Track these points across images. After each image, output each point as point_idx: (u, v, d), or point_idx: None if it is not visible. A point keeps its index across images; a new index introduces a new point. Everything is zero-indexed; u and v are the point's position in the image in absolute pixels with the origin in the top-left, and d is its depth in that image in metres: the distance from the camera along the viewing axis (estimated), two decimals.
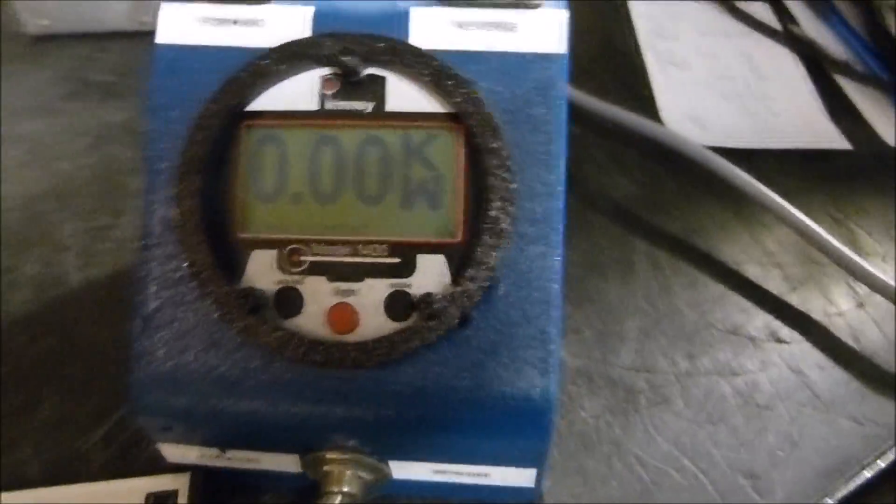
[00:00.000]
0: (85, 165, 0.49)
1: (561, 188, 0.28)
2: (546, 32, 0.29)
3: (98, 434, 0.37)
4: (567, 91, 0.29)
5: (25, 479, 0.35)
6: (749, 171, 0.44)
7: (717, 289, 0.42)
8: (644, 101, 0.52)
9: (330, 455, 0.29)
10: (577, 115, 0.49)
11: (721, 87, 0.54)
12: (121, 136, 0.51)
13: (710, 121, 0.52)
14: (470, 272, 0.27)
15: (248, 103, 0.29)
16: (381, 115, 0.29)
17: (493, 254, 0.27)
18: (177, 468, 0.33)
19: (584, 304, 0.41)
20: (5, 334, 0.41)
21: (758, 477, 0.35)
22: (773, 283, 0.43)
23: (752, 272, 0.43)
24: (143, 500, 0.32)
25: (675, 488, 0.34)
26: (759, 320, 0.41)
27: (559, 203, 0.28)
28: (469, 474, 0.31)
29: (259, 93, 0.29)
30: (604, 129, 0.49)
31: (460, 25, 0.29)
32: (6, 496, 0.33)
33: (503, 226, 0.27)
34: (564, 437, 0.36)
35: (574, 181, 0.47)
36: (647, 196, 0.46)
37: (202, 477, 0.32)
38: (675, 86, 0.54)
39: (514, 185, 0.27)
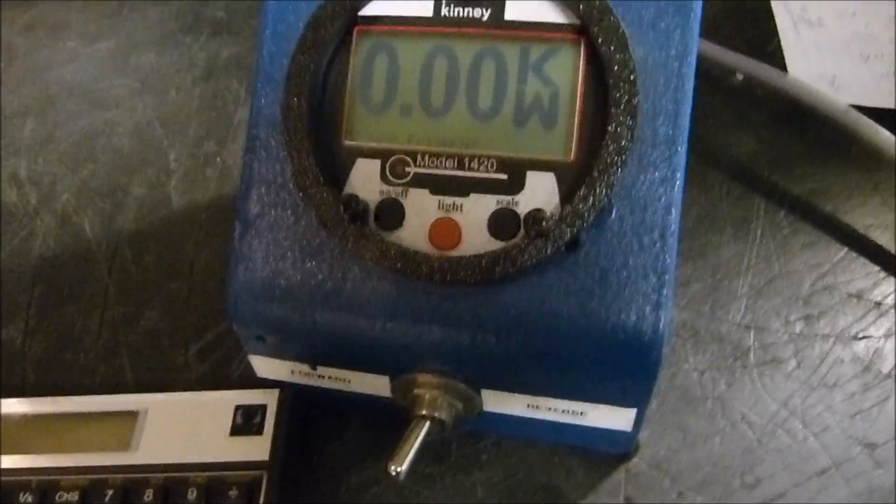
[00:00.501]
0: (194, 96, 0.50)
1: (688, 109, 0.26)
2: None
3: (194, 348, 0.37)
4: (701, 5, 0.26)
5: (120, 384, 0.36)
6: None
7: (840, 252, 0.39)
8: (771, 59, 0.49)
9: (422, 378, 0.29)
10: (701, 68, 0.46)
11: (859, 48, 0.50)
12: (230, 69, 0.51)
13: (846, 81, 0.48)
14: (583, 192, 0.25)
15: (361, 7, 0.28)
16: (498, 23, 0.27)
17: (610, 174, 0.25)
18: (267, 384, 0.33)
19: (696, 259, 0.38)
20: (115, 249, 0.42)
21: (875, 446, 0.32)
22: None
23: (882, 238, 0.40)
24: (231, 411, 0.32)
25: (782, 450, 0.32)
26: (887, 286, 0.38)
27: (685, 126, 0.26)
28: (564, 412, 0.29)
29: None
30: (729, 87, 0.46)
31: None
32: (103, 399, 0.33)
33: (623, 143, 0.25)
34: (665, 390, 0.34)
35: (695, 137, 0.44)
36: (772, 155, 0.43)
37: (292, 394, 0.32)
38: (808, 45, 0.50)
39: (637, 101, 0.25)
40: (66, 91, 0.51)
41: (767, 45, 0.50)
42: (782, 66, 0.49)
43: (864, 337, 0.35)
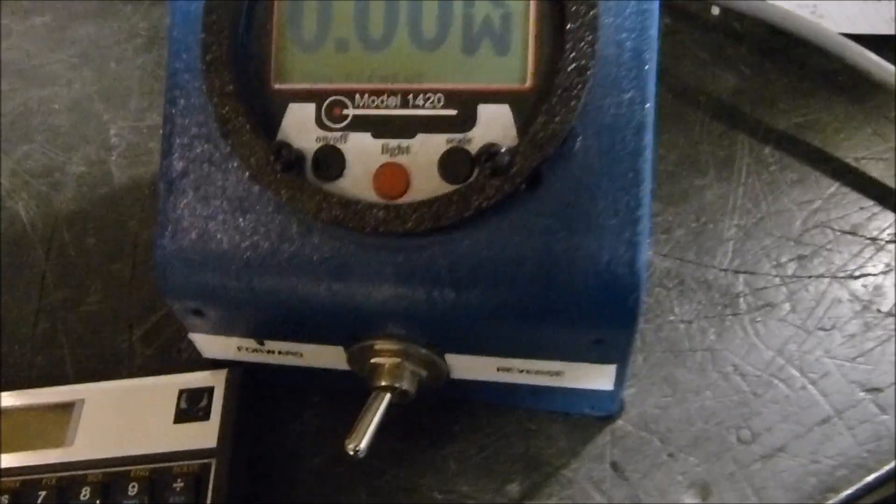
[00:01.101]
0: (136, 66, 0.46)
1: (655, 20, 0.23)
2: None
3: (139, 332, 0.34)
4: None
5: (59, 376, 0.33)
6: None
7: (831, 187, 0.36)
8: None
9: (379, 345, 0.26)
10: (676, 3, 0.43)
11: None
12: None
13: (827, 9, 0.45)
14: (541, 119, 0.22)
15: None
16: None
17: (571, 97, 0.22)
18: (215, 365, 0.30)
19: (678, 203, 0.36)
20: (51, 231, 0.39)
21: (879, 390, 0.30)
22: None
23: (875, 169, 0.37)
24: (175, 396, 0.29)
25: (779, 400, 0.29)
26: (883, 220, 0.35)
27: (652, 39, 0.23)
28: (539, 373, 0.26)
29: None
30: (706, 23, 0.43)
31: None
32: (36, 392, 0.30)
33: (583, 62, 0.22)
34: (651, 343, 0.31)
35: (670, 76, 0.41)
36: (754, 91, 0.40)
37: (241, 374, 0.29)
38: None
39: (596, 13, 0.22)
40: None
41: None
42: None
43: (861, 275, 0.33)
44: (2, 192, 0.41)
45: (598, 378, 0.26)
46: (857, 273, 0.33)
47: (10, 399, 0.30)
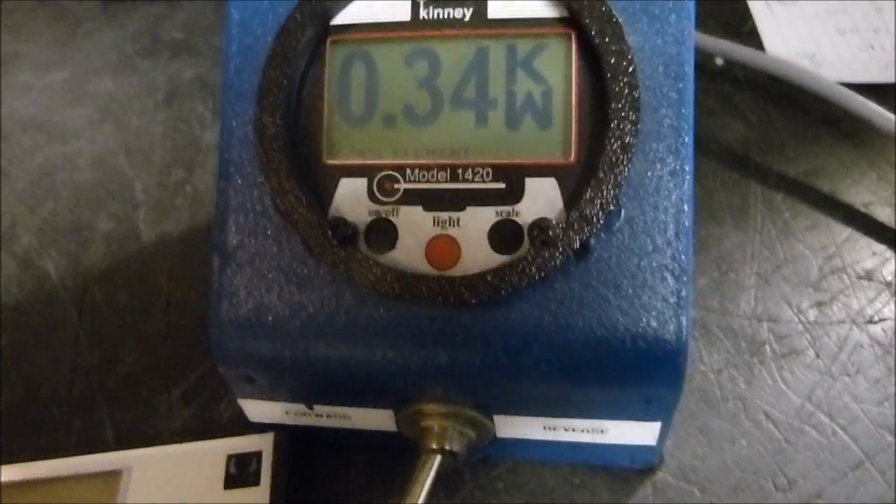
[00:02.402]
0: (157, 122, 0.47)
1: (691, 96, 0.24)
2: None
3: (177, 392, 0.35)
4: None
5: (99, 440, 0.33)
6: None
7: (843, 232, 0.38)
8: (748, 40, 0.48)
9: (429, 408, 0.27)
10: None
11: (835, 22, 0.49)
12: (192, 91, 0.49)
13: (826, 58, 0.47)
14: (588, 194, 0.24)
15: (333, 16, 0.26)
16: (482, 22, 0.25)
17: (616, 173, 0.24)
18: (261, 428, 0.30)
19: (698, 252, 0.37)
20: (82, 290, 0.39)
21: None
22: None
23: (883, 214, 0.39)
24: (223, 462, 0.29)
25: (812, 447, 0.30)
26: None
27: (689, 113, 0.24)
28: (584, 430, 0.27)
29: (345, 4, 0.26)
30: (710, 71, 0.45)
31: None
32: (79, 460, 0.31)
33: (627, 139, 0.24)
34: (684, 393, 0.32)
35: None
36: (761, 138, 0.42)
37: (288, 437, 0.30)
38: (783, 23, 0.49)
39: (638, 93, 0.24)
40: (19, 126, 0.48)
41: (743, 26, 0.49)
42: (760, 47, 0.48)
43: (880, 319, 0.34)
44: (29, 252, 0.41)
45: (642, 434, 0.27)
46: (875, 318, 0.34)
47: (51, 468, 0.30)
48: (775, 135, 0.42)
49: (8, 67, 0.53)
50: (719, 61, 0.46)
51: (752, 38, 0.48)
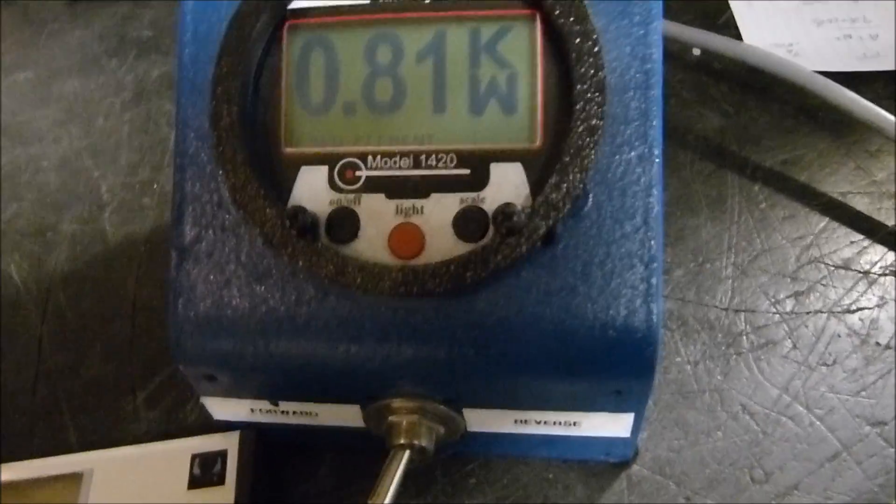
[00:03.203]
0: (124, 121, 0.46)
1: (659, 79, 0.24)
2: None
3: (142, 395, 0.34)
4: None
5: (62, 445, 0.32)
6: None
7: (820, 222, 0.37)
8: (725, 31, 0.47)
9: (396, 403, 0.26)
10: None
11: (812, 12, 0.49)
12: (160, 90, 0.48)
13: (803, 48, 0.46)
14: (554, 179, 0.23)
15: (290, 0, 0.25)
16: (444, 4, 0.25)
17: (583, 157, 0.23)
18: (226, 427, 0.29)
19: (674, 243, 0.36)
20: (46, 293, 0.38)
21: (884, 423, 0.30)
22: (886, 214, 0.38)
23: (860, 203, 0.38)
24: (188, 462, 0.28)
25: (789, 438, 0.30)
26: (873, 253, 0.36)
27: (657, 96, 0.24)
28: (556, 423, 0.27)
29: None
30: (686, 63, 0.44)
31: None
32: (40, 463, 0.30)
33: (593, 122, 0.23)
34: (660, 385, 0.31)
35: None
36: (738, 129, 0.41)
37: (254, 436, 0.29)
38: (759, 13, 0.49)
39: (603, 75, 0.23)
40: None
41: (720, 17, 0.49)
42: (737, 38, 0.47)
43: (857, 309, 0.34)
44: None
45: (615, 427, 0.26)
46: (853, 307, 0.34)
47: (12, 471, 0.30)
48: (752, 125, 0.42)
49: None
50: (696, 52, 0.45)
51: (729, 29, 0.48)
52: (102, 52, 0.52)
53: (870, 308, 0.34)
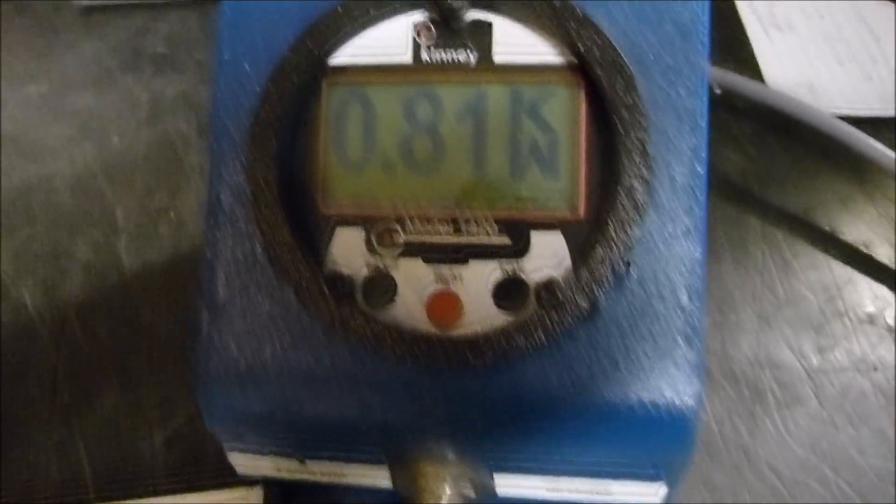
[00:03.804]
0: (139, 141, 0.46)
1: (704, 150, 0.23)
2: None
3: (161, 436, 0.33)
4: (708, 32, 0.24)
5: (79, 486, 0.32)
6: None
7: (844, 272, 0.37)
8: (746, 67, 0.47)
9: (426, 466, 0.25)
10: None
11: (833, 51, 0.49)
12: (176, 109, 0.47)
13: (825, 87, 0.46)
14: (599, 252, 0.23)
15: (330, 56, 0.25)
16: (487, 66, 0.24)
17: (628, 230, 0.23)
18: (250, 480, 0.29)
19: None
20: (61, 322, 0.38)
21: None
22: None
23: (884, 254, 0.38)
24: None
25: (816, 502, 0.30)
26: None
27: (703, 169, 0.23)
28: (588, 492, 0.26)
29: (343, 43, 0.25)
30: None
31: None
32: None
33: (639, 198, 0.23)
34: None
35: None
36: (760, 171, 0.41)
37: (278, 491, 0.28)
38: (781, 50, 0.48)
39: (651, 149, 0.23)
40: None
41: (741, 52, 0.48)
42: (757, 73, 0.47)
43: (883, 367, 0.33)
44: (4, 279, 0.40)
45: (648, 494, 0.26)
46: (878, 365, 0.33)
47: None
48: (775, 168, 0.42)
49: None
50: (717, 90, 0.45)
51: (749, 64, 0.47)
52: (116, 66, 0.51)
53: (895, 366, 0.34)
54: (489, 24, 0.24)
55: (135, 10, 0.55)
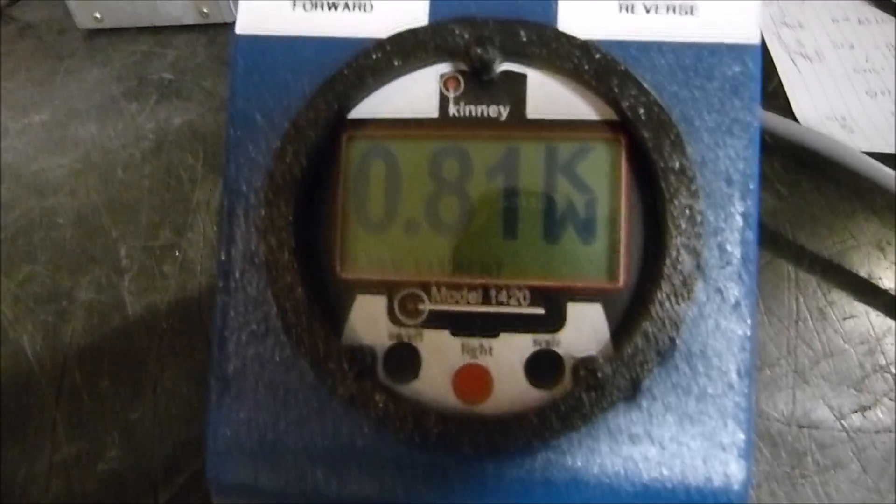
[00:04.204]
0: (144, 175, 0.44)
1: (755, 220, 0.22)
2: (733, 16, 0.22)
3: (165, 495, 0.32)
4: (760, 88, 0.22)
5: None
6: None
7: (883, 322, 0.35)
8: (774, 98, 0.45)
9: None
10: None
11: (864, 82, 0.47)
12: (182, 141, 0.46)
13: (856, 121, 0.44)
14: (643, 328, 0.21)
15: (350, 109, 0.23)
16: (519, 122, 0.23)
17: (674, 305, 0.21)
18: None
19: None
20: (61, 370, 0.36)
21: None
22: None
23: None
24: None
25: None
26: None
27: (753, 240, 0.22)
28: None
29: (364, 96, 0.23)
30: None
31: (624, 8, 0.22)
32: None
33: (687, 273, 0.21)
34: None
35: None
36: (792, 211, 0.39)
37: None
38: (810, 81, 0.47)
39: (701, 218, 0.21)
40: None
41: (768, 83, 0.47)
42: (787, 107, 0.45)
43: None
44: (3, 322, 0.38)
45: None
46: None
47: None
48: (807, 208, 0.40)
49: None
50: None
51: (778, 96, 0.46)
52: (121, 94, 0.50)
53: None
54: (523, 77, 0.23)
55: (140, 34, 0.53)
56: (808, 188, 0.41)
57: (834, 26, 0.51)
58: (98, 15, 0.53)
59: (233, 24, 0.23)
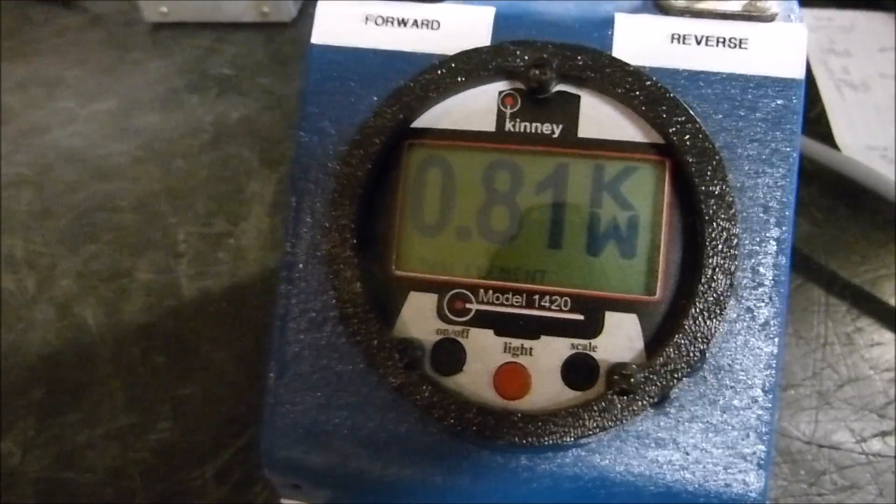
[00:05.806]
0: (201, 165, 0.46)
1: (789, 245, 0.23)
2: (781, 51, 0.23)
3: (212, 468, 0.34)
4: (802, 120, 0.24)
5: None
6: None
7: None
8: (816, 127, 0.46)
9: None
10: None
11: None
12: (239, 135, 0.48)
13: None
14: (675, 341, 0.22)
15: (413, 119, 0.25)
16: (571, 140, 0.24)
17: (707, 322, 0.22)
18: None
19: None
20: (120, 345, 0.38)
21: None
22: None
23: None
24: None
25: None
26: None
27: (786, 265, 0.23)
28: None
29: (427, 108, 0.25)
30: None
31: (676, 39, 0.24)
32: None
33: (721, 291, 0.22)
34: None
35: None
36: (827, 238, 0.40)
37: None
38: (853, 110, 0.48)
39: (737, 241, 0.22)
40: (63, 158, 0.48)
41: (811, 110, 0.48)
42: (828, 135, 0.46)
43: None
44: (70, 296, 0.40)
45: None
46: None
47: None
48: (841, 235, 0.41)
49: (54, 93, 0.52)
50: None
51: (819, 124, 0.47)
52: (183, 86, 0.52)
53: None
54: (577, 98, 0.24)
55: (201, 30, 0.56)
56: (844, 216, 0.42)
57: (882, 56, 0.51)
58: (164, 9, 0.56)
59: (290, 24, 0.25)
